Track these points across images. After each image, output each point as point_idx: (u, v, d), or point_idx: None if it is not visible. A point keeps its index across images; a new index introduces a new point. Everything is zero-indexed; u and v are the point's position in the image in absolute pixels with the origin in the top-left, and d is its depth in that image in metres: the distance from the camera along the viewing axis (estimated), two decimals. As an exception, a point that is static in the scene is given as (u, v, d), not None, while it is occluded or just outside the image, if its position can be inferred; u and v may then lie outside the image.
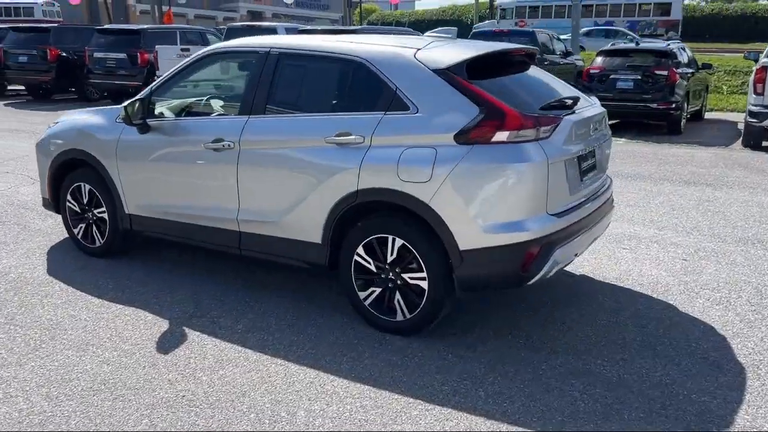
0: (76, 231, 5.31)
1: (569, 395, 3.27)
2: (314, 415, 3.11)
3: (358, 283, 3.96)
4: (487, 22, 31.62)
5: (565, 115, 3.74)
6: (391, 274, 3.83)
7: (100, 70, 15.37)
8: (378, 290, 3.90)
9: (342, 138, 3.83)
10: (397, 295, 3.84)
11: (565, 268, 4.91)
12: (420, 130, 3.66)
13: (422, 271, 3.71)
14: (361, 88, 3.95)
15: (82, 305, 4.34)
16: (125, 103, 4.51)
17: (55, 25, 20.05)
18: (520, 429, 3.00)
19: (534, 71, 4.40)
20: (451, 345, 3.79)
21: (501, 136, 3.49)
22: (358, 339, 3.86)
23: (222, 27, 21.70)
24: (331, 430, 2.99)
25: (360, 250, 3.89)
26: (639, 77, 11.80)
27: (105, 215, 5.07)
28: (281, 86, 4.19)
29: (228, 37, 14.63)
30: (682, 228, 6.10)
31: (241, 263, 4.94)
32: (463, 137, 3.53)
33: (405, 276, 3.79)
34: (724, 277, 4.85)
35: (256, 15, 63.61)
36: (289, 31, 14.72)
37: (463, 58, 3.74)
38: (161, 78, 4.73)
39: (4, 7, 32.80)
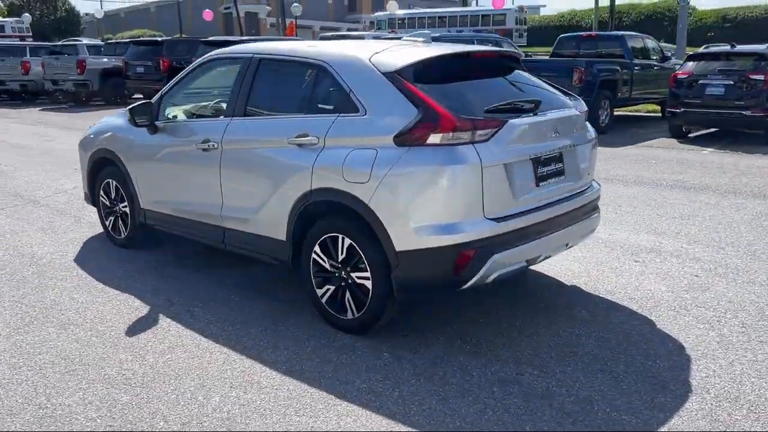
0: (107, 223, 5.82)
1: (482, 402, 3.20)
2: (226, 401, 3.26)
3: (316, 281, 4.07)
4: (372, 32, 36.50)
5: (513, 118, 3.65)
6: (343, 272, 3.91)
7: (203, 78, 16.45)
8: (332, 288, 3.99)
9: (301, 139, 3.96)
10: (347, 294, 3.91)
11: (556, 278, 4.79)
12: (366, 131, 3.72)
13: (366, 271, 3.76)
14: (322, 90, 4.07)
15: (85, 290, 4.77)
16: (130, 107, 4.91)
17: (169, 38, 21.67)
18: (411, 430, 2.99)
19: (517, 74, 4.31)
20: (395, 345, 3.81)
21: (435, 138, 3.47)
22: (310, 335, 3.97)
23: None
24: (235, 415, 3.13)
25: (317, 248, 4.00)
26: (731, 82, 10.95)
27: (127, 209, 5.52)
28: (259, 89, 4.40)
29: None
30: (717, 243, 5.66)
31: (245, 262, 5.18)
32: (400, 139, 3.55)
33: (353, 275, 3.85)
34: (730, 296, 4.47)
35: (378, 25, 64.95)
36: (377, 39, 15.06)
37: (413, 61, 3.76)
38: (170, 82, 5.10)
39: None
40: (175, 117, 5.07)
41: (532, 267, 4.98)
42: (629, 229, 6.08)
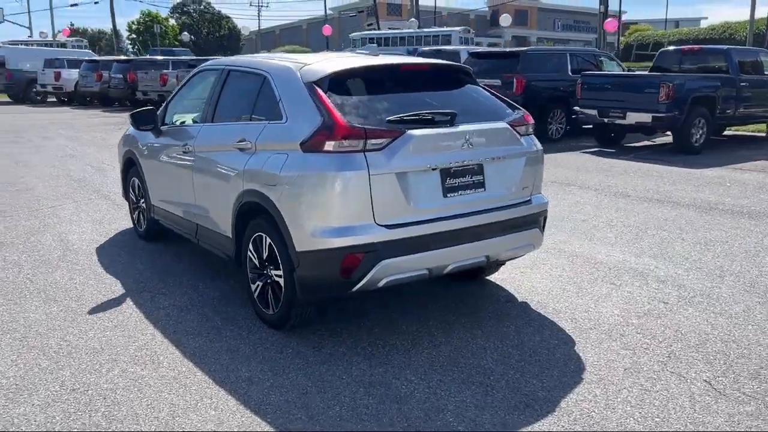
0: (134, 217, 6.48)
1: (338, 399, 3.31)
2: (122, 375, 3.62)
3: (251, 276, 4.35)
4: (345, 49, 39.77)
5: (413, 129, 3.71)
6: (267, 270, 4.16)
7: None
8: (261, 284, 4.25)
9: (240, 144, 4.28)
10: (270, 290, 4.15)
11: (513, 292, 4.73)
12: (283, 138, 3.95)
13: (280, 269, 3.99)
14: (262, 98, 4.35)
15: (87, 273, 5.38)
16: (132, 113, 5.49)
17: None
18: (255, 417, 3.17)
19: (466, 87, 4.37)
20: (303, 342, 3.99)
21: (329, 145, 3.63)
22: (236, 326, 4.25)
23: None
24: (118, 386, 3.48)
25: (250, 245, 4.28)
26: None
27: (144, 204, 6.14)
28: (224, 98, 4.79)
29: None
30: (720, 271, 5.23)
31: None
32: (305, 145, 3.75)
33: (273, 272, 4.09)
34: (683, 326, 4.18)
35: (520, 40, 64.30)
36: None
37: (332, 71, 3.94)
38: (175, 90, 5.64)
39: (46, 42, 43.89)
40: (183, 123, 5.59)
41: (492, 279, 4.97)
42: (634, 252, 5.77)
